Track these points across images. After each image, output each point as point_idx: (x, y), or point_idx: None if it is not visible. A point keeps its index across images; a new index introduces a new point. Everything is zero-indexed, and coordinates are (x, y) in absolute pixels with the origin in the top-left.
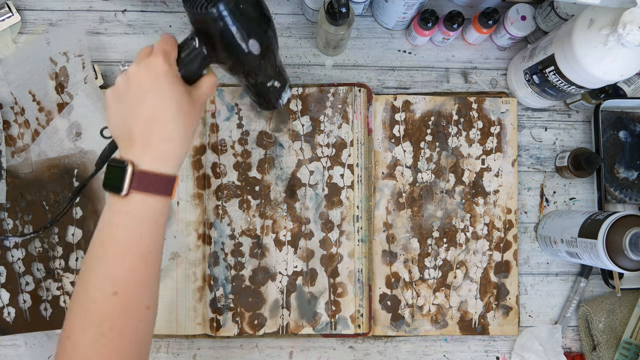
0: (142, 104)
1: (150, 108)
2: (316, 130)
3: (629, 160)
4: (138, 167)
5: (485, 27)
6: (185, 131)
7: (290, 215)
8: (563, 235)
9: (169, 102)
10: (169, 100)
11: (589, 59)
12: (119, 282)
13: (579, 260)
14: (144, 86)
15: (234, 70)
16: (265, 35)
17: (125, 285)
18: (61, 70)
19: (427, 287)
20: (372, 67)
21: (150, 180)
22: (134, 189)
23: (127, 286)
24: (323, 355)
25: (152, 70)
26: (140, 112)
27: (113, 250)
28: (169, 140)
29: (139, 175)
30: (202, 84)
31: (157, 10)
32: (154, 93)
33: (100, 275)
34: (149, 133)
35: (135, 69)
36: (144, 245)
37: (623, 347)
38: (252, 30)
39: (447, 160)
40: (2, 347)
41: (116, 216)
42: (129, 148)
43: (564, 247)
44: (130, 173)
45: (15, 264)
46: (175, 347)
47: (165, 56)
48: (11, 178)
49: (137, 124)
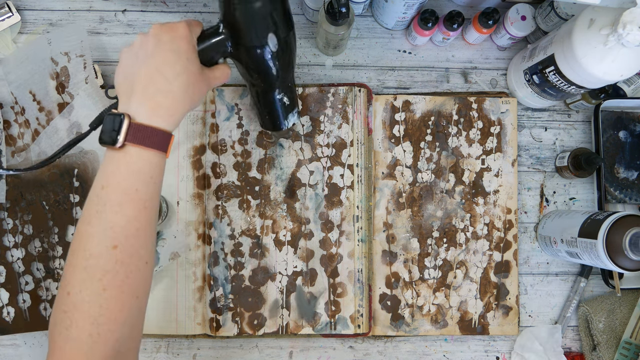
0: (153, 57)
1: (159, 61)
2: (316, 130)
3: (629, 160)
4: (134, 119)
5: (485, 27)
6: (186, 90)
7: (290, 215)
8: (563, 235)
9: (178, 60)
10: (177, 57)
11: (589, 59)
12: (118, 235)
13: (579, 260)
14: (160, 42)
15: (249, 70)
16: (287, 37)
17: (124, 239)
18: (62, 70)
19: (427, 287)
20: (372, 67)
21: (146, 133)
22: (129, 141)
23: (126, 240)
24: (323, 355)
25: (173, 31)
26: (149, 64)
27: (110, 203)
28: (168, 94)
29: (134, 127)
30: (216, 69)
31: (157, 10)
32: (167, 48)
33: (98, 229)
34: (150, 84)
35: (157, 28)
36: (140, 199)
37: (623, 347)
38: (276, 26)
39: (447, 160)
40: (2, 347)
41: (112, 169)
42: (128, 100)
43: (564, 247)
44: (126, 124)
45: (15, 264)
46: (175, 347)
47: (189, 26)
48: (11, 178)
49: (141, 76)
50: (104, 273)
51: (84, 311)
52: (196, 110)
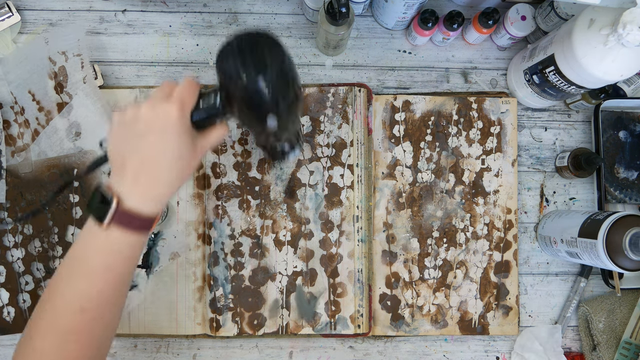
0: (144, 140)
1: (150, 148)
2: (316, 131)
3: (629, 160)
4: (123, 203)
5: (485, 27)
6: (178, 179)
7: (290, 215)
8: (563, 235)
9: (171, 150)
10: (170, 148)
11: (589, 59)
12: (87, 301)
13: (579, 260)
14: (151, 127)
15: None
16: (288, 114)
17: (93, 306)
18: (60, 70)
19: (427, 287)
20: (372, 67)
21: (133, 219)
22: (115, 223)
23: (94, 306)
24: (323, 355)
25: (164, 116)
26: (140, 147)
27: (85, 272)
28: (160, 185)
29: (121, 212)
30: (211, 135)
31: (157, 10)
32: (159, 137)
33: (69, 290)
34: (142, 171)
35: (148, 109)
36: (115, 275)
37: (623, 347)
38: (277, 108)
39: (447, 160)
40: (2, 347)
41: (93, 241)
42: (119, 178)
43: (564, 247)
44: (114, 209)
45: (15, 264)
46: (175, 347)
47: (181, 106)
48: (11, 177)
49: (133, 159)
50: (69, 330)
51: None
52: None
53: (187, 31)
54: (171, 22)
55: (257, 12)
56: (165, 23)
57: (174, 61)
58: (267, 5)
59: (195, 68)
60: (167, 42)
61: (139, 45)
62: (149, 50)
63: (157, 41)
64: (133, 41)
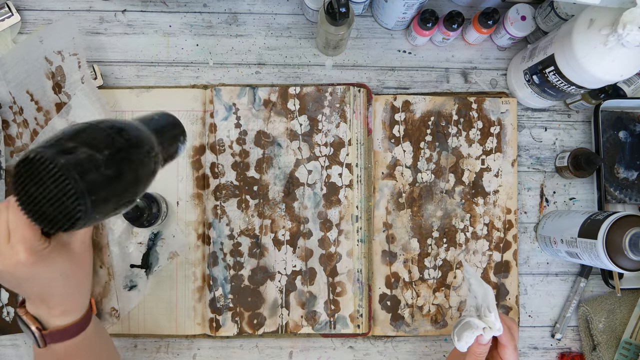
0: (23, 288)
1: (33, 290)
2: (314, 130)
3: (629, 160)
4: (47, 326)
5: (485, 27)
6: (78, 289)
7: (288, 214)
8: (563, 235)
9: (48, 282)
10: (48, 281)
11: (589, 59)
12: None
13: (579, 260)
14: (18, 278)
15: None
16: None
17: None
18: (57, 70)
19: (427, 287)
20: (372, 67)
21: (61, 333)
22: (50, 343)
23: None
24: (323, 355)
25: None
26: (29, 291)
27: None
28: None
29: (49, 335)
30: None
31: (157, 10)
32: (32, 282)
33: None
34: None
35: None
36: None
37: (623, 347)
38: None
39: (447, 160)
40: (2, 347)
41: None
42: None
43: (564, 247)
44: (39, 336)
45: None
46: (175, 347)
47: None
48: (10, 178)
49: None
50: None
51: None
52: (195, 111)
53: (187, 31)
54: (171, 22)
55: (257, 12)
56: (165, 23)
57: (174, 61)
58: (267, 5)
59: (195, 68)
60: (167, 42)
61: (139, 46)
62: (149, 51)
63: (157, 41)
64: (133, 41)
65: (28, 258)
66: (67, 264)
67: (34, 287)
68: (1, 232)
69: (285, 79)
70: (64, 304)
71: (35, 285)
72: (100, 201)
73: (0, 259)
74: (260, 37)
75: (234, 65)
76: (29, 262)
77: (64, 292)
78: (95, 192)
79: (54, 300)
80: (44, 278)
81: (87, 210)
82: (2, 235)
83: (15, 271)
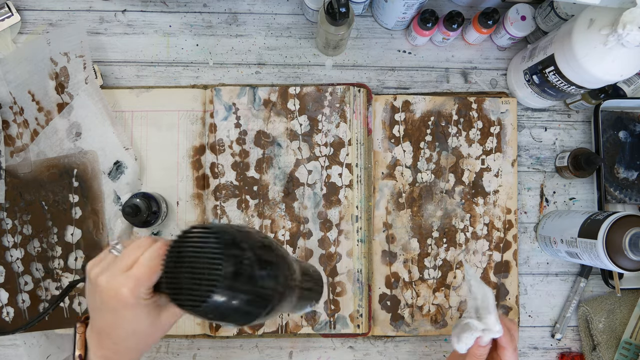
0: (100, 313)
1: (105, 322)
2: (314, 130)
3: (629, 160)
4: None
5: (485, 27)
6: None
7: (288, 214)
8: (563, 235)
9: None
10: (122, 326)
11: (589, 59)
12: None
13: (579, 260)
14: (106, 303)
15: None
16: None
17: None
18: (62, 71)
19: (427, 287)
20: (372, 67)
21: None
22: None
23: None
24: (323, 355)
25: (116, 295)
26: (98, 318)
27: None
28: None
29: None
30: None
31: (157, 10)
32: (111, 314)
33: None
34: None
35: (105, 281)
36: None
37: (623, 347)
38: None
39: (447, 160)
40: (2, 347)
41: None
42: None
43: (564, 247)
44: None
45: (14, 264)
46: (175, 347)
47: (135, 284)
48: (10, 178)
49: (95, 325)
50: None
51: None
52: (195, 110)
53: (187, 31)
54: (171, 22)
55: (257, 12)
56: (165, 23)
57: (174, 61)
58: (267, 5)
59: (195, 68)
60: (167, 42)
61: (139, 46)
62: (149, 51)
63: (157, 41)
64: (133, 41)
65: (129, 297)
66: (147, 326)
67: (105, 321)
68: (129, 259)
69: (285, 79)
70: (112, 352)
71: (108, 321)
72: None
73: (109, 279)
74: (260, 37)
75: (234, 65)
76: (125, 300)
77: (123, 344)
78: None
79: (108, 343)
80: (121, 322)
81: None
82: (127, 261)
83: (109, 298)
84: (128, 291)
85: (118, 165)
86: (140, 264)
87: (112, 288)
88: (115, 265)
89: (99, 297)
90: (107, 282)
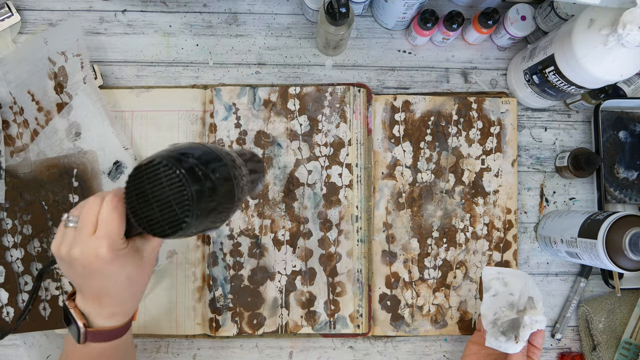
0: (87, 280)
1: (96, 285)
2: (314, 130)
3: (629, 160)
4: (92, 323)
5: (485, 27)
6: (134, 295)
7: (288, 214)
8: (563, 235)
9: (115, 281)
10: (114, 280)
11: (589, 59)
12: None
13: (579, 260)
14: (89, 269)
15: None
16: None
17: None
18: (60, 70)
19: (427, 287)
20: (372, 67)
21: (105, 334)
22: (89, 341)
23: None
24: (323, 355)
25: (96, 258)
26: (88, 285)
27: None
28: (119, 305)
29: (92, 332)
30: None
31: (157, 10)
32: (99, 277)
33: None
34: (100, 298)
35: (79, 251)
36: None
37: (623, 347)
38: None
39: (447, 160)
40: (2, 347)
41: (76, 350)
42: (82, 299)
43: (564, 247)
44: (83, 332)
45: (14, 264)
46: (175, 347)
47: (109, 241)
48: (10, 178)
49: (86, 290)
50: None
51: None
52: (195, 111)
53: (187, 31)
54: (171, 22)
55: (257, 12)
56: (165, 23)
57: (174, 61)
58: (267, 5)
59: (195, 68)
60: (167, 42)
61: (139, 45)
62: (149, 50)
63: (157, 41)
64: (133, 41)
65: (108, 254)
66: (135, 269)
67: (97, 283)
68: (89, 223)
69: (285, 79)
70: (116, 305)
71: (99, 282)
72: (202, 213)
73: (82, 247)
74: (260, 37)
75: (234, 65)
76: (107, 258)
77: (122, 295)
78: (200, 204)
79: (109, 300)
80: (111, 277)
81: (192, 220)
82: (89, 226)
83: (90, 263)
84: (106, 250)
85: (118, 165)
86: (104, 222)
87: (89, 255)
88: (80, 234)
89: (81, 268)
90: (82, 251)
